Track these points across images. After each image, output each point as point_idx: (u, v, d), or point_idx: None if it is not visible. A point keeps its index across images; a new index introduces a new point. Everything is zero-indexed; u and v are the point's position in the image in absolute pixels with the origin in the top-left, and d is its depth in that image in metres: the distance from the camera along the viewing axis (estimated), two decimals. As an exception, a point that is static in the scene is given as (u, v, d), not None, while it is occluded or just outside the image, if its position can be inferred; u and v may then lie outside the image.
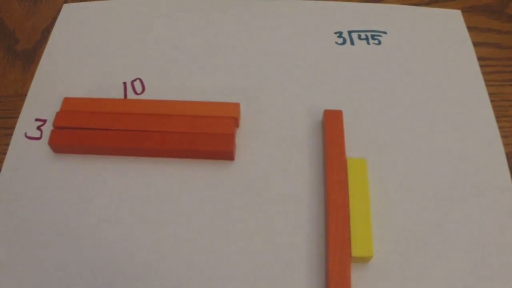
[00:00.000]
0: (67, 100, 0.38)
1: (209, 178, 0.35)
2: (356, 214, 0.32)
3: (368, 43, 0.43)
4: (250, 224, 0.33)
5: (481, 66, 0.41)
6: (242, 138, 0.37)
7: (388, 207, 0.34)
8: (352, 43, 0.43)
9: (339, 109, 0.37)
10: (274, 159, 0.36)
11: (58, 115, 0.37)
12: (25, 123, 0.39)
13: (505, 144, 0.37)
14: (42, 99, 0.40)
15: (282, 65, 0.41)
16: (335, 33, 0.43)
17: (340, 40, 0.43)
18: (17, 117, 0.39)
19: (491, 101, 0.39)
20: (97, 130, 0.36)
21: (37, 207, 0.34)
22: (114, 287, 0.31)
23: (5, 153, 0.37)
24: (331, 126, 0.36)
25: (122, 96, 0.40)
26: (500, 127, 0.37)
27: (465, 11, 0.45)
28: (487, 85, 0.40)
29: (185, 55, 0.42)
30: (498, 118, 0.38)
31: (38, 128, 0.38)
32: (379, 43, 0.43)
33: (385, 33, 0.43)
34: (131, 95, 0.40)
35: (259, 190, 0.35)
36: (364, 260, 0.31)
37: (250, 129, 0.38)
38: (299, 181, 0.35)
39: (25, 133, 0.38)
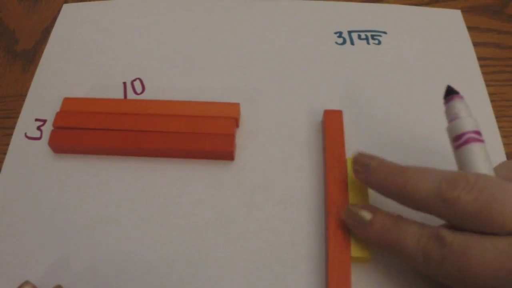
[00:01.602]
0: (67, 100, 0.38)
1: (209, 178, 0.35)
2: (356, 214, 0.32)
3: (368, 43, 0.43)
4: (250, 224, 0.33)
5: (481, 66, 0.41)
6: (242, 138, 0.37)
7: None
8: (352, 43, 0.43)
9: (339, 109, 0.37)
10: (274, 159, 0.36)
11: (58, 115, 0.37)
12: (25, 123, 0.39)
13: (505, 144, 0.37)
14: (42, 99, 0.40)
15: (282, 65, 0.41)
16: (335, 33, 0.43)
17: (340, 40, 0.43)
18: (17, 117, 0.39)
19: (491, 101, 0.39)
20: (97, 130, 0.36)
21: (37, 207, 0.34)
22: (114, 287, 0.31)
23: (5, 153, 0.37)
24: (331, 126, 0.36)
25: (122, 96, 0.40)
26: (500, 127, 0.37)
27: (465, 11, 0.45)
28: (487, 85, 0.40)
29: (185, 55, 0.42)
30: (498, 118, 0.38)
31: (38, 128, 0.38)
32: (379, 43, 0.43)
33: (385, 33, 0.43)
34: (131, 95, 0.40)
35: (259, 190, 0.35)
36: (364, 260, 0.31)
37: (250, 129, 0.38)
38: (299, 181, 0.35)
39: (25, 133, 0.38)
